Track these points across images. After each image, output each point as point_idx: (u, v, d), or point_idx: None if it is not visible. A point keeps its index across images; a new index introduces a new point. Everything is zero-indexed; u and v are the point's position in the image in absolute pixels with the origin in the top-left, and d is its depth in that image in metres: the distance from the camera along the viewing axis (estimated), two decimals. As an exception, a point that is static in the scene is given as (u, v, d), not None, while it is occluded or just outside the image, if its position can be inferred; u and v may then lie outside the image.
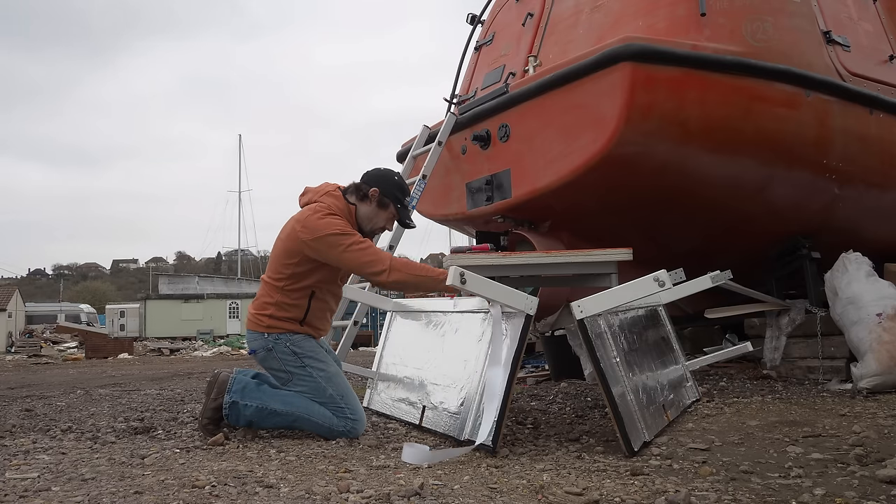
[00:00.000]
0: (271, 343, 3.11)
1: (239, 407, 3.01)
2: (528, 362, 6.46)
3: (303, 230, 3.02)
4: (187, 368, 10.01)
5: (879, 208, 5.13)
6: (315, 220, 3.03)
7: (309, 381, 3.08)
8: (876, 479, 2.17)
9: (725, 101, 4.24)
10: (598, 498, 2.03)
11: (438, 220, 5.74)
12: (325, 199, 3.15)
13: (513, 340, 2.81)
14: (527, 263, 3.75)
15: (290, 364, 3.10)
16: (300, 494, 2.04)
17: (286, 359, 3.10)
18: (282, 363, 3.10)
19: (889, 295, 4.30)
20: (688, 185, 4.44)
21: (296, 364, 3.09)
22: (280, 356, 3.10)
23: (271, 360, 3.13)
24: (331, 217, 3.06)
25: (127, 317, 34.75)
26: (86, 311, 43.85)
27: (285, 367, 3.10)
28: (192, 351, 19.54)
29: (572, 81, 4.26)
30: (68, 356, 16.87)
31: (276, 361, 3.11)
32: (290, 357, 3.09)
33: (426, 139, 5.34)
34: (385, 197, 3.20)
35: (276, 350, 3.10)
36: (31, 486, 2.19)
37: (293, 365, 3.09)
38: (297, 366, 3.09)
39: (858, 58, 4.88)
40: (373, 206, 3.21)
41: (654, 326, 3.81)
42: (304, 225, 3.03)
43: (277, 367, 3.12)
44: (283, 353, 3.10)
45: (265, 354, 3.13)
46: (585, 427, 3.32)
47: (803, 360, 4.89)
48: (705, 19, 4.26)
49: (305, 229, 3.02)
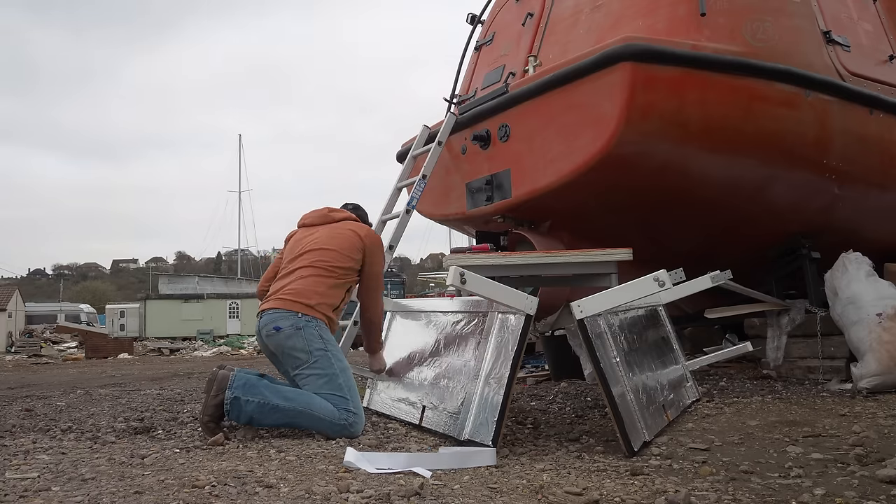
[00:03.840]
0: (303, 323, 3.24)
1: (241, 403, 3.02)
2: (528, 362, 6.46)
3: (367, 237, 3.52)
4: (187, 368, 10.01)
5: (879, 208, 5.13)
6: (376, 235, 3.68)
7: (327, 365, 3.18)
8: (876, 479, 2.18)
9: (725, 101, 4.24)
10: (598, 498, 2.03)
11: (438, 220, 5.73)
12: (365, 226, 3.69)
13: (513, 340, 2.82)
14: (527, 263, 3.76)
15: (315, 346, 3.21)
16: (300, 494, 2.03)
17: (313, 340, 3.22)
18: (307, 343, 3.21)
19: (889, 295, 4.30)
20: (688, 185, 4.44)
21: (320, 347, 3.22)
22: (308, 337, 3.22)
23: (297, 339, 3.21)
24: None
25: (127, 317, 34.72)
26: (86, 311, 43.85)
27: (310, 346, 3.20)
28: (192, 351, 19.56)
29: (572, 81, 4.26)
30: (68, 356, 16.88)
31: (301, 340, 3.21)
32: (318, 340, 3.23)
33: (426, 139, 5.34)
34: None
35: (305, 330, 3.23)
36: (31, 486, 2.19)
37: (318, 347, 3.21)
38: (320, 348, 3.21)
39: (858, 58, 4.88)
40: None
41: (654, 326, 3.81)
42: (368, 233, 3.56)
43: (301, 346, 3.20)
44: (312, 335, 3.23)
45: (292, 332, 3.22)
46: (585, 427, 3.32)
47: (803, 359, 4.89)
48: (705, 19, 4.26)
49: (370, 237, 3.54)
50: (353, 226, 3.57)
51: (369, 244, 3.49)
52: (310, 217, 3.67)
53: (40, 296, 57.99)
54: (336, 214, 3.64)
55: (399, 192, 5.31)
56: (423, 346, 3.62)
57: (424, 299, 4.44)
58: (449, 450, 2.67)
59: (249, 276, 45.86)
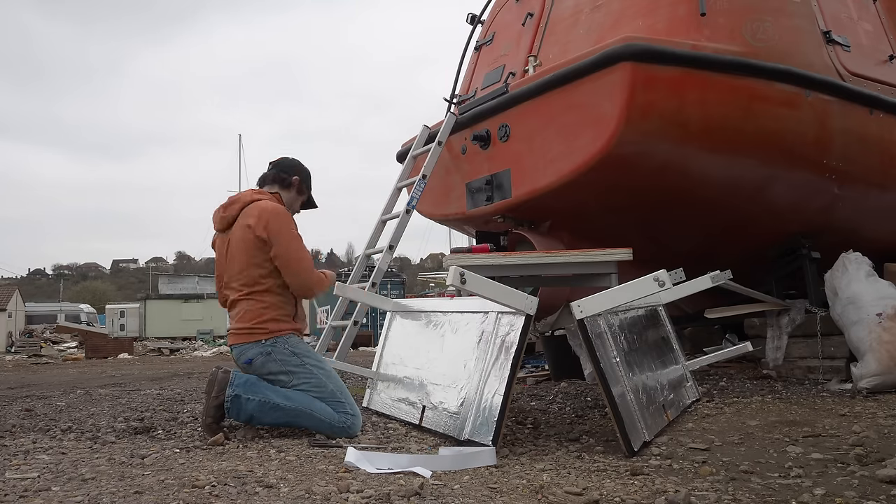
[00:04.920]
0: (269, 347, 3.16)
1: (241, 401, 3.03)
2: (528, 362, 6.46)
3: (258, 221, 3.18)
4: (187, 368, 10.00)
5: (879, 208, 5.13)
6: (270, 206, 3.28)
7: (311, 377, 3.14)
8: (876, 479, 2.17)
9: (725, 100, 4.24)
10: (598, 498, 2.03)
11: (438, 220, 5.73)
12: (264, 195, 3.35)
13: (513, 340, 2.81)
14: (527, 263, 3.76)
15: (291, 364, 3.15)
16: (300, 494, 2.03)
17: (287, 359, 3.15)
18: (282, 364, 3.15)
19: (889, 295, 4.30)
20: (688, 185, 4.44)
21: (296, 363, 3.16)
22: (280, 358, 3.15)
23: (271, 364, 3.15)
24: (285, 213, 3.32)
25: (127, 317, 34.72)
26: (86, 310, 43.79)
27: (286, 367, 3.15)
28: (191, 351, 19.54)
29: (572, 81, 4.26)
30: (68, 356, 16.85)
31: (276, 364, 3.15)
32: (291, 357, 3.16)
33: (426, 139, 5.34)
34: (304, 184, 3.54)
35: (275, 353, 3.15)
36: (31, 486, 2.19)
37: (294, 364, 3.15)
38: (297, 364, 3.16)
39: (858, 58, 4.88)
40: (293, 193, 3.50)
41: (654, 326, 3.81)
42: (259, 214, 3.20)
43: (278, 369, 3.15)
44: (283, 354, 3.16)
45: (264, 360, 3.15)
46: (585, 427, 3.32)
47: (803, 360, 4.89)
48: (705, 19, 4.26)
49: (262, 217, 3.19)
50: (245, 220, 3.21)
51: (267, 225, 3.15)
52: (216, 220, 3.38)
53: (40, 296, 58.02)
54: (230, 212, 3.30)
55: (399, 192, 5.32)
56: (423, 346, 3.62)
57: (424, 299, 4.44)
58: (449, 450, 2.67)
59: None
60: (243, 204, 3.29)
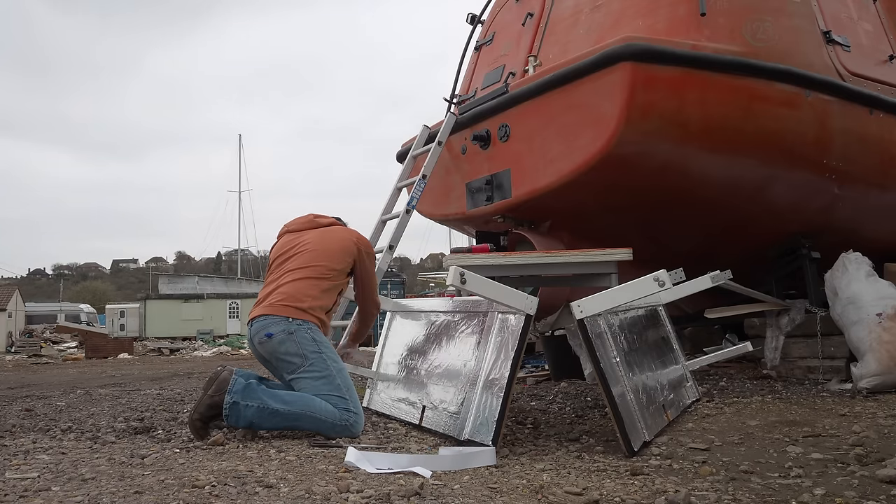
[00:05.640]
0: (294, 327, 3.21)
1: (240, 407, 3.01)
2: (528, 362, 6.46)
3: (359, 241, 3.55)
4: (187, 368, 10.01)
5: (879, 208, 5.13)
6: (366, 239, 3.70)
7: (323, 367, 3.17)
8: (876, 479, 2.18)
9: (725, 100, 4.24)
10: (598, 498, 2.03)
11: (438, 220, 5.74)
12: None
13: (513, 340, 2.81)
14: (527, 263, 3.76)
15: (309, 349, 3.19)
16: (300, 494, 2.03)
17: (306, 344, 3.19)
18: (300, 346, 3.18)
19: (889, 295, 4.30)
20: (688, 185, 4.45)
21: (314, 349, 3.20)
22: (300, 340, 3.19)
23: (289, 344, 3.19)
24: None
25: (127, 317, 34.70)
26: (86, 310, 43.80)
27: (303, 350, 3.18)
28: (192, 351, 19.55)
29: (572, 81, 4.26)
30: (68, 356, 16.87)
31: (294, 345, 3.19)
32: (310, 343, 3.20)
33: (426, 139, 5.34)
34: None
35: (297, 334, 3.20)
36: (31, 486, 2.19)
37: (311, 350, 3.19)
38: (314, 351, 3.19)
39: (858, 58, 4.88)
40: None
41: (654, 326, 3.81)
42: (359, 237, 3.59)
43: (294, 350, 3.18)
44: (304, 338, 3.20)
45: (284, 337, 3.19)
46: (585, 427, 3.33)
47: (803, 359, 4.89)
48: (705, 19, 4.26)
49: (361, 241, 3.57)
50: (344, 229, 3.60)
51: (362, 247, 3.53)
52: (295, 223, 3.64)
53: (40, 296, 57.98)
54: (322, 220, 3.65)
55: (399, 192, 5.31)
56: (424, 346, 3.62)
57: (424, 299, 4.44)
58: (449, 450, 2.67)
59: (249, 276, 45.86)
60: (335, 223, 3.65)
